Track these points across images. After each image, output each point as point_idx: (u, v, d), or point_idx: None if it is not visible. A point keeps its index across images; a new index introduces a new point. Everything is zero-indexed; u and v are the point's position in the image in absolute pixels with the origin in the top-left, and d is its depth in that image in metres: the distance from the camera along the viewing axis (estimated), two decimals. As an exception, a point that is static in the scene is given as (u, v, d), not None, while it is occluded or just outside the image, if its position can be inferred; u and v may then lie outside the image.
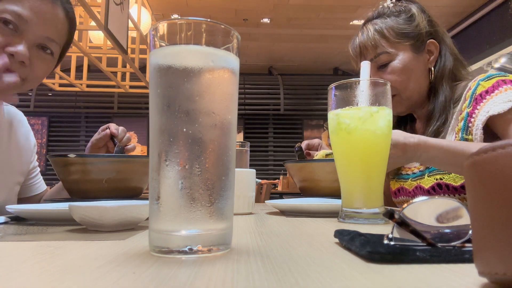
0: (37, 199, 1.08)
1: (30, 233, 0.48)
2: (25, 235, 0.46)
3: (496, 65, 4.52)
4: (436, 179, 0.93)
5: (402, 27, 1.00)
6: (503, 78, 0.89)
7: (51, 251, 0.35)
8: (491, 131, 0.86)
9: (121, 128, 1.02)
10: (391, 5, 1.04)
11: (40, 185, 1.09)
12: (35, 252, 0.35)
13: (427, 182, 0.95)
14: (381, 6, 1.06)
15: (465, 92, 0.94)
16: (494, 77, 0.90)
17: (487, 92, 0.88)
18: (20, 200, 1.03)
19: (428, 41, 1.01)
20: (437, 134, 0.97)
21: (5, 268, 0.29)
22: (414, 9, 1.02)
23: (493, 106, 0.83)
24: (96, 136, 1.02)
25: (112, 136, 1.01)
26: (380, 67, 1.01)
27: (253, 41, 5.24)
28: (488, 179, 0.21)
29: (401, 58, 0.99)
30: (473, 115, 0.88)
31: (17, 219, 0.64)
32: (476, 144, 0.79)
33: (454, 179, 0.90)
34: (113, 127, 1.01)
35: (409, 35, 0.99)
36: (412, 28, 1.00)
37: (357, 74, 1.10)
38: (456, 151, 0.76)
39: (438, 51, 1.02)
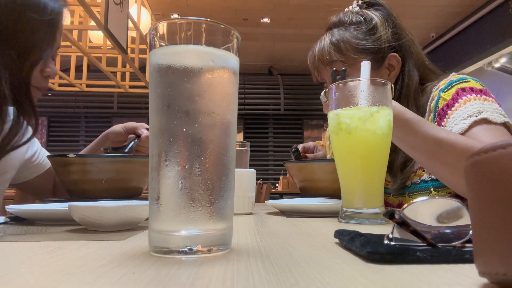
0: (51, 172, 1.00)
1: (30, 233, 0.48)
2: (25, 235, 0.46)
3: (496, 65, 4.53)
4: None
5: (360, 42, 0.92)
6: (463, 85, 0.85)
7: (51, 251, 0.35)
8: None
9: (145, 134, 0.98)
10: (356, 8, 0.97)
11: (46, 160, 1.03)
12: (35, 252, 0.35)
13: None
14: (343, 12, 0.98)
15: (429, 103, 0.90)
16: (453, 86, 0.86)
17: (448, 106, 0.84)
18: (35, 181, 0.99)
19: (389, 55, 0.93)
20: (408, 156, 0.90)
21: (5, 268, 0.29)
22: (377, 18, 0.93)
23: (453, 125, 0.80)
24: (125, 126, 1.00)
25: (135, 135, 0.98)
26: (335, 80, 0.96)
27: (253, 41, 5.24)
28: (489, 179, 0.21)
29: (355, 74, 0.89)
30: None
31: (17, 219, 0.64)
32: (444, 131, 0.73)
33: None
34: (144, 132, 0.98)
35: (368, 50, 0.91)
36: (371, 42, 0.92)
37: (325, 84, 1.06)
38: (418, 130, 0.71)
39: (400, 66, 0.93)
